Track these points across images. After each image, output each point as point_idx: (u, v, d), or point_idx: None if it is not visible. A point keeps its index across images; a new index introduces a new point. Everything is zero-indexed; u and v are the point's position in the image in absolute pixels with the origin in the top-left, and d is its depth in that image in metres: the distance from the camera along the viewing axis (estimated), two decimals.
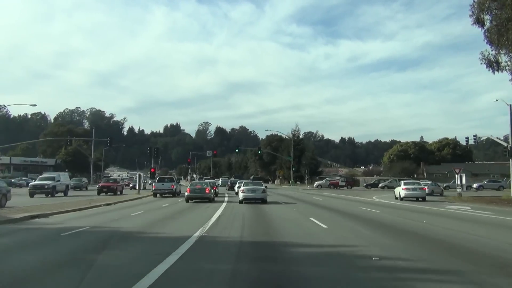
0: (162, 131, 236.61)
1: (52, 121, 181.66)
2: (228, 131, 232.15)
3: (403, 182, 32.46)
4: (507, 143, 36.50)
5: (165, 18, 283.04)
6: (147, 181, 56.75)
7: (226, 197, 32.87)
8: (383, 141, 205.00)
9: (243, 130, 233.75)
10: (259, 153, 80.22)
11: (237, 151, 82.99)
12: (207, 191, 26.50)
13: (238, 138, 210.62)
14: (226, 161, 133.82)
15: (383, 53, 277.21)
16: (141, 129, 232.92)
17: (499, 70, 28.75)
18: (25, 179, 62.12)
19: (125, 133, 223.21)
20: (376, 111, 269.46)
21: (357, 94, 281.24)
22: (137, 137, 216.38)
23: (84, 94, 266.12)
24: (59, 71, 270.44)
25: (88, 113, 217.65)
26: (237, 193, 29.53)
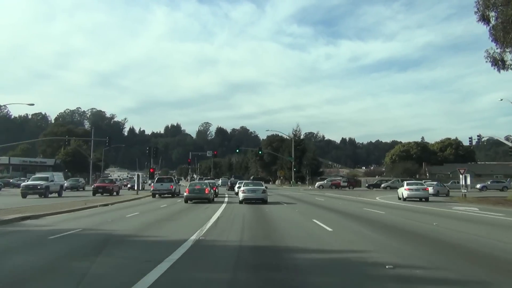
0: (162, 132, 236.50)
1: (52, 122, 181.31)
2: (228, 131, 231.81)
3: (406, 182, 32.18)
4: (511, 143, 35.82)
5: (166, 18, 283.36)
6: (147, 181, 56.16)
7: (226, 197, 32.35)
8: (384, 141, 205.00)
9: (243, 130, 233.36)
10: (260, 153, 79.53)
11: (238, 151, 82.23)
12: (207, 192, 26.03)
13: (238, 138, 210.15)
14: (226, 161, 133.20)
15: (384, 53, 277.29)
16: (141, 130, 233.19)
17: (504, 68, 28.07)
18: (23, 179, 61.49)
19: (126, 134, 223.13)
20: (377, 111, 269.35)
21: (358, 94, 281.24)
22: (137, 137, 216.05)
23: (84, 94, 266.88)
24: (60, 71, 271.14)
25: (88, 114, 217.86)
26: (237, 194, 29.23)
